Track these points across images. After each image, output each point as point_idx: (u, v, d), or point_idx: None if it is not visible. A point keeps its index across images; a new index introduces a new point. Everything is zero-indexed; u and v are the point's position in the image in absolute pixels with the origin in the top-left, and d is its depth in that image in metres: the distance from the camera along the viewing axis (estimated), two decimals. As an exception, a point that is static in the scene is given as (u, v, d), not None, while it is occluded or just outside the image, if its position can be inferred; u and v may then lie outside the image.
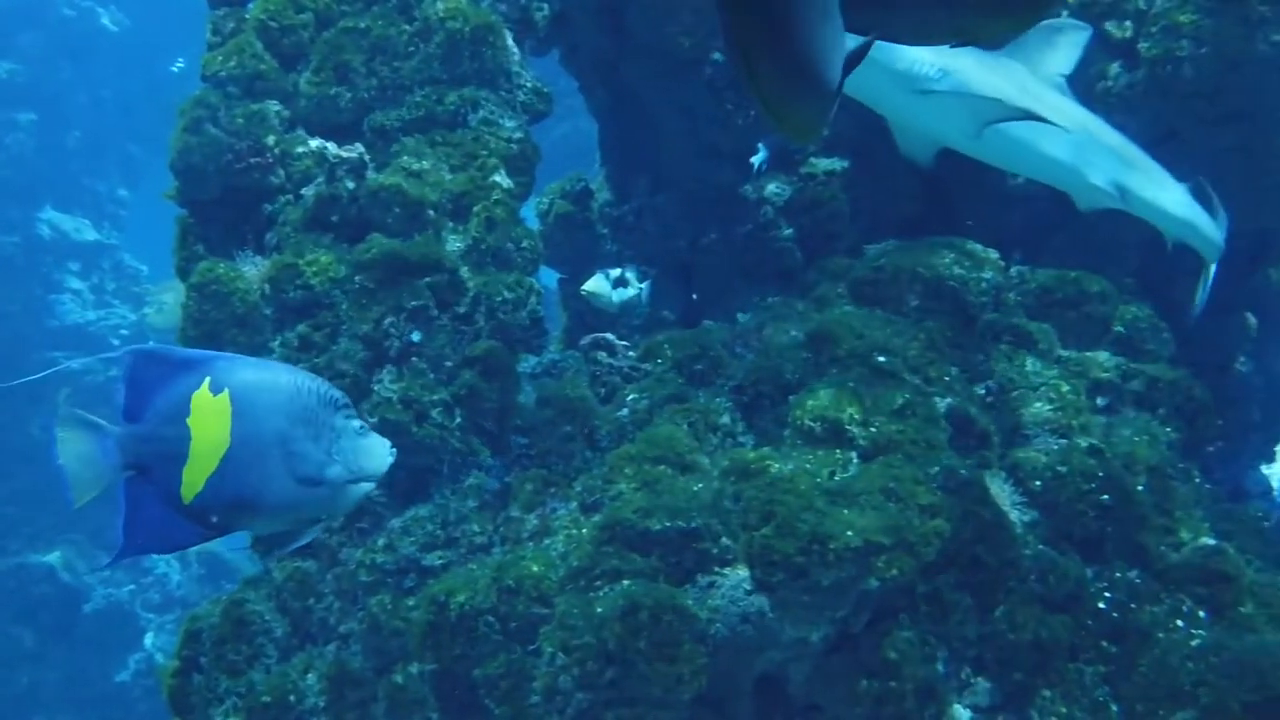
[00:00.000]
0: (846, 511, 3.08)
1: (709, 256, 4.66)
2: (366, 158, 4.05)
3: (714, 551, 3.18)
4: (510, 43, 4.31)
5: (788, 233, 4.41)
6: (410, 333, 3.73)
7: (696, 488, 3.32)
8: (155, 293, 11.89)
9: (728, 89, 4.43)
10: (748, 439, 3.61)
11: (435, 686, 3.34)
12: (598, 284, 4.57)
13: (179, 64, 15.07)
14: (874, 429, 3.34)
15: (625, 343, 4.11)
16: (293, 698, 3.51)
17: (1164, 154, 4.01)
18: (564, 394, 3.81)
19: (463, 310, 3.82)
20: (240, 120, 4.01)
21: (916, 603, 3.17)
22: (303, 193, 3.99)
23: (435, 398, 3.67)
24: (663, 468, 3.43)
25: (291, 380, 2.45)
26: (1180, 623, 3.31)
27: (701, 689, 3.06)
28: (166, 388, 2.36)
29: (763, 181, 4.45)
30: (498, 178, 4.05)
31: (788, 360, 3.62)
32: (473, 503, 3.65)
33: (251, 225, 4.02)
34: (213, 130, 3.98)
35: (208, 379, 2.37)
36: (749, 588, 3.11)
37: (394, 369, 3.72)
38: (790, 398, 3.53)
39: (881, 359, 3.54)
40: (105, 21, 14.12)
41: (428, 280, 3.78)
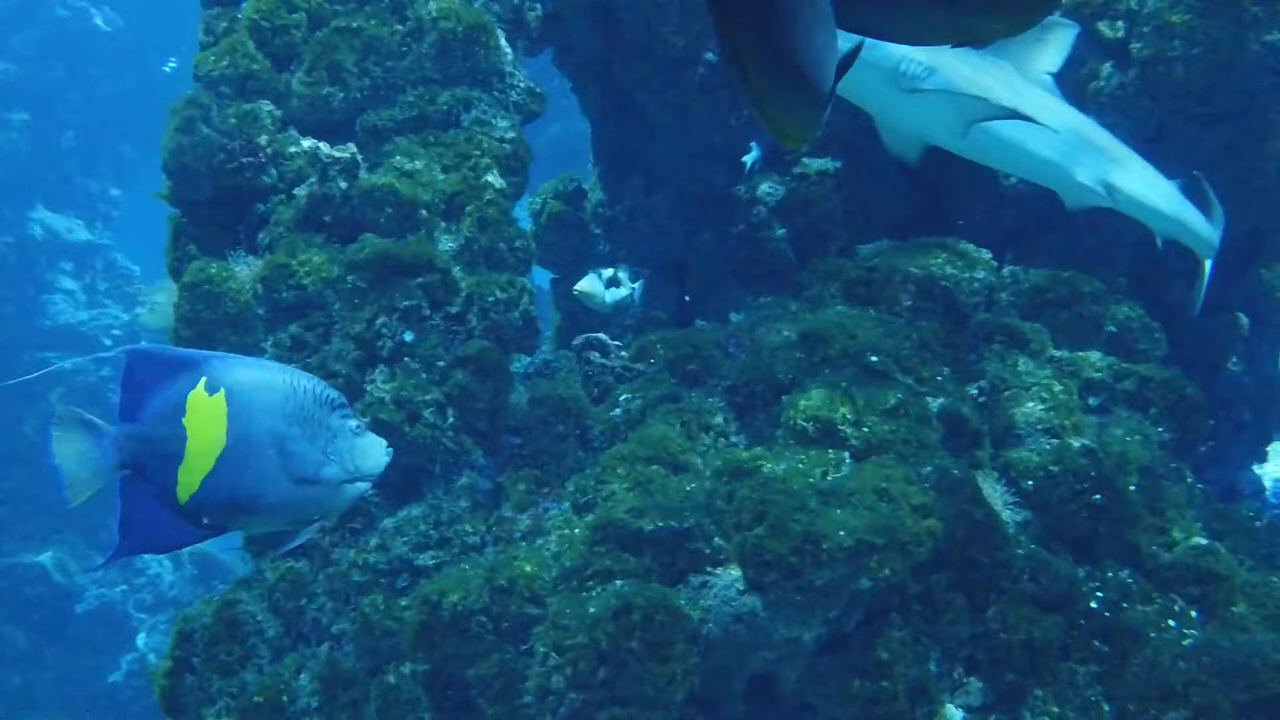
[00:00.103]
0: (839, 511, 3.08)
1: (702, 256, 4.67)
2: (359, 157, 4.05)
3: (706, 551, 3.18)
4: (503, 43, 4.32)
5: (780, 233, 4.41)
6: (403, 333, 3.73)
7: (689, 488, 3.32)
8: (148, 293, 11.84)
9: (721, 89, 4.43)
10: (740, 439, 3.61)
11: (428, 687, 3.34)
12: (590, 284, 4.57)
13: (172, 64, 15.04)
14: (866, 429, 3.35)
15: (618, 343, 4.11)
16: (285, 698, 3.51)
17: (1155, 154, 4.02)
18: (557, 394, 3.81)
19: (455, 310, 3.82)
20: (233, 120, 4.01)
21: (909, 602, 3.17)
22: (295, 192, 3.99)
23: (428, 398, 3.67)
24: (655, 468, 3.43)
25: (287, 380, 2.45)
26: (1172, 622, 3.31)
27: (694, 689, 3.06)
28: (162, 387, 2.36)
29: (755, 181, 4.45)
30: (490, 178, 4.05)
31: (780, 360, 3.62)
32: (465, 503, 3.65)
33: (244, 225, 4.02)
34: (205, 130, 3.97)
35: (204, 379, 2.37)
36: (741, 588, 3.11)
37: (386, 369, 3.72)
38: (783, 398, 3.53)
39: (874, 359, 3.54)
40: (98, 21, 14.09)
41: (420, 280, 3.78)
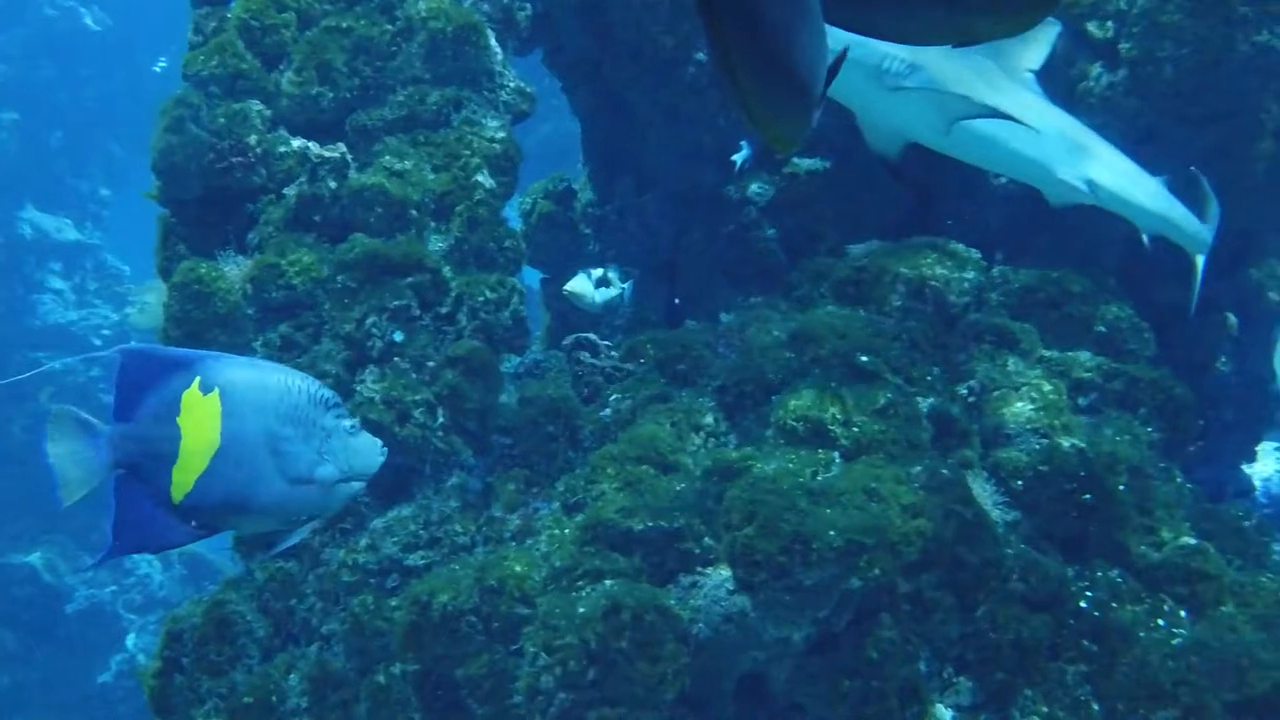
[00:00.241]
0: (829, 511, 3.08)
1: (692, 256, 4.67)
2: (349, 157, 4.04)
3: (696, 551, 3.18)
4: (493, 42, 4.31)
5: (770, 233, 4.42)
6: (392, 333, 3.72)
7: (679, 488, 3.32)
8: (137, 292, 11.82)
9: (711, 89, 4.43)
10: (730, 439, 3.61)
11: (418, 687, 3.34)
12: (580, 284, 4.56)
13: (161, 63, 15.03)
14: (856, 429, 3.35)
15: (608, 343, 4.11)
16: (275, 698, 3.50)
17: (1145, 154, 4.02)
18: (546, 394, 3.81)
19: (445, 310, 3.82)
20: (222, 120, 4.00)
21: (898, 602, 3.17)
22: (285, 192, 3.98)
23: (418, 398, 3.66)
24: (645, 468, 3.43)
25: (282, 379, 2.45)
26: (1161, 622, 3.32)
27: (684, 689, 3.06)
28: (157, 387, 2.36)
29: (745, 181, 4.45)
30: (480, 178, 4.05)
31: (770, 360, 3.62)
32: (455, 503, 3.65)
33: (233, 225, 4.01)
34: (194, 130, 3.96)
35: (198, 378, 2.36)
36: (731, 588, 3.11)
37: (376, 369, 3.72)
38: (773, 398, 3.53)
39: (864, 359, 3.54)
40: (88, 21, 14.07)
41: (410, 280, 3.78)
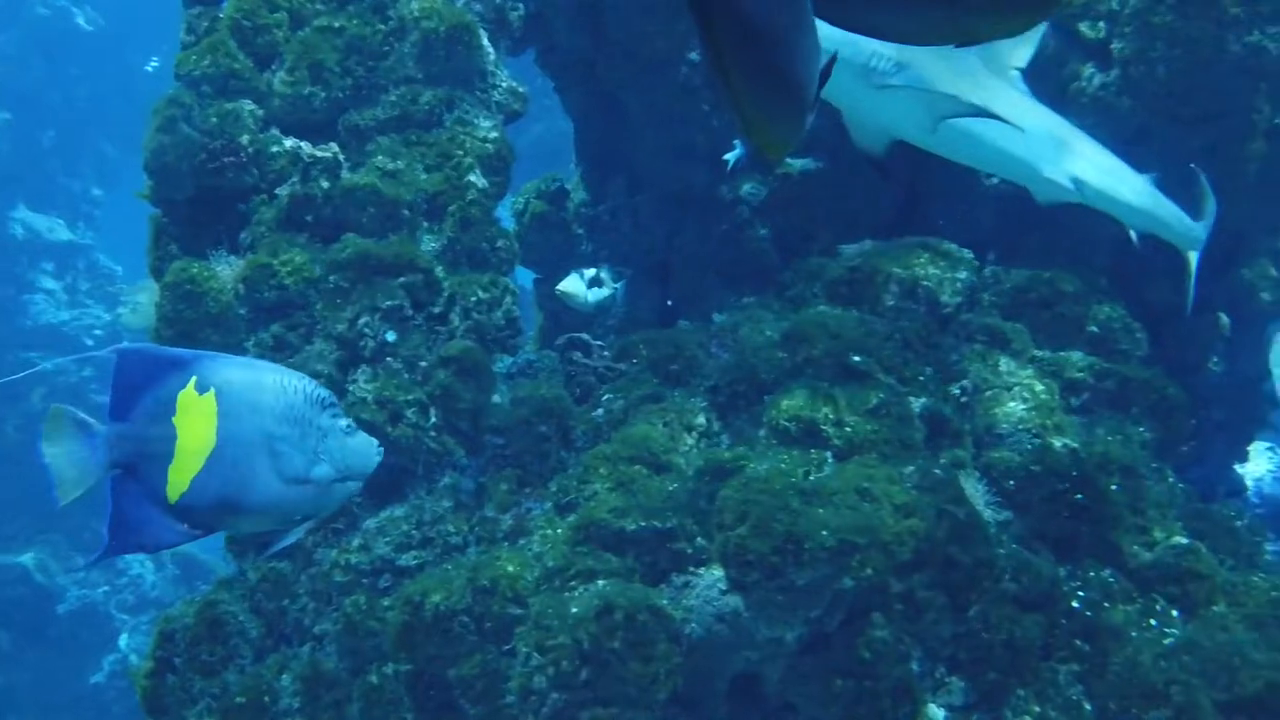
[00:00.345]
0: (821, 511, 3.08)
1: (684, 256, 4.67)
2: (341, 157, 4.04)
3: (689, 551, 3.19)
4: (486, 42, 4.31)
5: (763, 233, 4.42)
6: (385, 333, 3.72)
7: (672, 488, 3.32)
8: (130, 292, 11.80)
9: (704, 89, 4.43)
10: (723, 439, 3.61)
11: (410, 687, 3.33)
12: (573, 284, 4.56)
13: (153, 63, 15.01)
14: (849, 429, 3.35)
15: (600, 343, 4.12)
16: (267, 698, 3.50)
17: (1137, 155, 4.02)
18: (539, 394, 3.80)
19: (438, 310, 3.82)
20: (214, 119, 3.99)
21: (891, 602, 3.17)
22: (277, 192, 3.98)
23: (410, 398, 3.66)
24: (638, 468, 3.43)
25: (278, 379, 2.44)
26: (1153, 622, 3.32)
27: (677, 689, 3.06)
28: (153, 387, 2.35)
29: (738, 181, 4.45)
30: (473, 177, 4.04)
31: (763, 360, 3.62)
32: (448, 503, 3.65)
33: (225, 225, 4.00)
34: (186, 129, 3.95)
35: (194, 378, 2.36)
36: (724, 587, 3.11)
37: (369, 369, 3.71)
38: (765, 398, 3.53)
39: (856, 359, 3.54)
40: (80, 20, 14.05)
41: (402, 280, 3.78)
